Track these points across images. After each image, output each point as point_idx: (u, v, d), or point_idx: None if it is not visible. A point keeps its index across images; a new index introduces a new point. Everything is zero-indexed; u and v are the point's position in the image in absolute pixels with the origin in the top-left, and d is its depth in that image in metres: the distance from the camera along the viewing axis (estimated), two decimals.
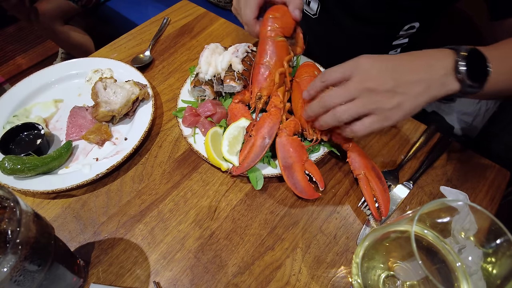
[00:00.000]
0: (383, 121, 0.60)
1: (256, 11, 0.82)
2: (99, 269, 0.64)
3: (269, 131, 0.73)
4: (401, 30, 0.97)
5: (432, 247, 0.51)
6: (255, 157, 0.71)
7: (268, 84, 0.79)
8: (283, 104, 0.78)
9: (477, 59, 0.60)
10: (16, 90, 0.90)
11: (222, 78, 0.83)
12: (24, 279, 0.44)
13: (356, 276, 0.52)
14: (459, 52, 0.59)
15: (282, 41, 0.81)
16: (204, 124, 0.80)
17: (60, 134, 0.84)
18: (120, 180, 0.77)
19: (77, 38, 2.05)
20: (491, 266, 0.47)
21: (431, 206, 0.46)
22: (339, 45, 1.05)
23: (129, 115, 0.86)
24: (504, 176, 0.78)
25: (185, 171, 0.78)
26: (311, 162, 0.73)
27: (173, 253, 0.66)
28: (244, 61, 0.85)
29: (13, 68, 2.52)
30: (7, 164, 0.70)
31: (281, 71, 0.79)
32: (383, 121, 0.60)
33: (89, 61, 0.98)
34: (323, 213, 0.72)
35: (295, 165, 0.71)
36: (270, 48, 0.80)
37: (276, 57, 0.80)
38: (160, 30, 1.11)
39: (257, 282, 0.63)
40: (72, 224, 0.70)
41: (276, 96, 0.79)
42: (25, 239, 0.44)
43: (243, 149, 0.73)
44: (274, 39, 0.80)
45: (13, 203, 0.45)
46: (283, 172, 0.71)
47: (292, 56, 0.83)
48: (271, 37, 0.81)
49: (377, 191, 0.70)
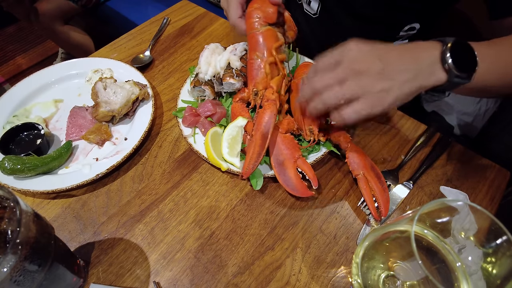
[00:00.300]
0: (372, 106, 0.59)
1: (239, 10, 0.82)
2: (99, 269, 0.64)
3: (266, 126, 0.72)
4: (401, 30, 0.97)
5: (432, 247, 0.51)
6: (258, 157, 0.71)
7: (261, 77, 0.78)
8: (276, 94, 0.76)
9: (463, 50, 0.60)
10: (16, 90, 0.90)
11: (221, 77, 0.83)
12: (24, 279, 0.44)
13: (356, 276, 0.52)
14: (445, 43, 0.59)
15: (268, 29, 0.80)
16: (204, 124, 0.80)
17: (60, 134, 0.84)
18: (120, 180, 0.77)
19: (77, 38, 2.05)
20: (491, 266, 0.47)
21: (431, 206, 0.46)
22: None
23: (129, 115, 0.86)
24: (504, 176, 0.78)
25: (185, 171, 0.78)
26: (304, 160, 0.72)
27: (173, 253, 0.66)
28: (243, 58, 0.85)
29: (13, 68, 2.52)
30: (7, 164, 0.70)
31: (271, 60, 0.78)
32: (372, 106, 0.59)
33: (89, 61, 0.98)
34: (323, 213, 0.72)
35: (286, 162, 0.71)
36: (258, 40, 0.79)
37: (265, 48, 0.79)
38: (160, 30, 1.11)
39: (257, 282, 0.63)
40: (72, 224, 0.70)
41: (269, 88, 0.77)
42: (25, 239, 0.44)
43: (247, 152, 0.72)
44: (259, 30, 0.80)
45: (13, 203, 0.45)
46: (274, 169, 0.71)
47: (282, 42, 0.81)
48: (256, 29, 0.80)
49: (377, 191, 0.70)
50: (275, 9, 0.81)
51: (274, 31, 0.81)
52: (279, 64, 0.79)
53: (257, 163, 0.70)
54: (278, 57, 0.79)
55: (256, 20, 0.80)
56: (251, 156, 0.70)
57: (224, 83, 0.82)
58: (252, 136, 0.73)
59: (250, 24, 0.80)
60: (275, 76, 0.79)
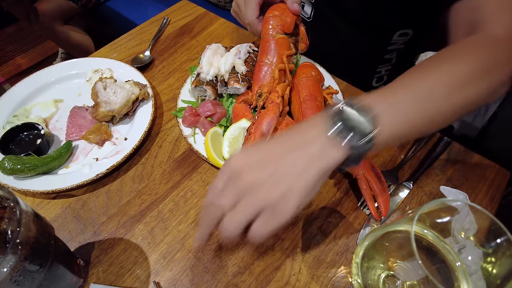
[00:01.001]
0: (276, 217, 0.47)
1: (257, 11, 0.83)
2: (99, 269, 0.64)
3: (267, 127, 0.72)
4: (393, 36, 0.97)
5: (432, 247, 0.51)
6: None
7: (268, 81, 0.79)
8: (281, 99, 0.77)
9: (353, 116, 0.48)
10: (16, 90, 0.90)
11: (226, 81, 0.83)
12: (24, 279, 0.44)
13: (356, 276, 0.52)
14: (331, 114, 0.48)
15: (282, 38, 0.81)
16: (204, 124, 0.80)
17: (60, 134, 0.84)
18: (120, 180, 0.77)
19: (77, 38, 2.05)
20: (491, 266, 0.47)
21: (431, 206, 0.46)
22: (334, 49, 1.05)
23: (129, 115, 0.86)
24: (504, 176, 0.78)
25: (185, 171, 0.78)
26: None
27: (173, 253, 0.66)
28: (247, 62, 0.85)
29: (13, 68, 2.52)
30: (7, 164, 0.70)
31: (281, 67, 0.79)
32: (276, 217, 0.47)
33: (89, 61, 0.98)
34: (323, 213, 0.72)
35: None
36: (270, 46, 0.80)
37: (277, 55, 0.80)
38: (160, 30, 1.11)
39: (257, 282, 0.63)
40: (72, 224, 0.70)
41: (274, 92, 0.78)
42: (25, 239, 0.44)
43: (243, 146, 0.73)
44: (274, 37, 0.81)
45: (13, 203, 0.45)
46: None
47: (293, 52, 0.83)
48: (272, 35, 0.81)
49: (377, 191, 0.70)
50: (293, 19, 0.82)
51: (288, 40, 0.83)
52: (287, 72, 0.81)
53: None
54: (288, 66, 0.80)
55: (273, 26, 0.81)
56: None
57: (229, 87, 0.83)
58: (250, 134, 0.73)
59: (266, 29, 0.82)
60: (282, 82, 0.81)
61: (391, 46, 1.02)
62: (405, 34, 0.97)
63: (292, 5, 0.80)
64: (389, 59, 1.08)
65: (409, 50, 1.07)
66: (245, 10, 0.83)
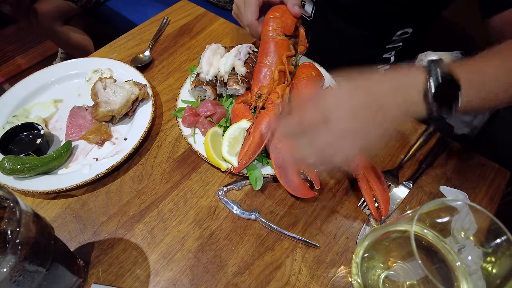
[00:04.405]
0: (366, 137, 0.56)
1: (256, 12, 0.83)
2: (99, 269, 0.64)
3: (266, 126, 0.72)
4: (394, 35, 0.98)
5: (432, 247, 0.51)
6: (253, 154, 0.71)
7: (268, 82, 0.79)
8: (281, 99, 0.78)
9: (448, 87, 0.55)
10: (15, 90, 0.90)
11: (225, 82, 0.83)
12: (24, 279, 0.44)
13: (356, 275, 0.52)
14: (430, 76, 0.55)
15: (282, 39, 0.82)
16: (204, 124, 0.80)
17: (59, 134, 0.84)
18: (120, 180, 0.77)
19: (76, 39, 2.05)
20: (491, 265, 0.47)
21: (430, 206, 0.46)
22: (334, 47, 1.06)
23: (129, 115, 0.86)
24: (504, 176, 0.78)
25: (185, 171, 0.78)
26: None
27: (173, 253, 0.66)
28: (247, 63, 0.85)
29: (12, 68, 2.52)
30: (7, 164, 0.70)
31: (281, 68, 0.79)
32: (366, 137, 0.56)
33: (88, 61, 0.98)
34: (323, 213, 0.72)
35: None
36: (271, 47, 0.81)
37: (276, 56, 0.80)
38: (159, 30, 1.11)
39: (257, 282, 0.63)
40: (72, 224, 0.70)
41: (274, 93, 0.78)
42: (25, 239, 0.44)
43: (243, 147, 0.73)
44: (274, 38, 0.81)
45: (12, 203, 0.45)
46: (275, 170, 0.71)
47: (292, 53, 0.83)
48: (272, 37, 0.81)
49: (377, 191, 0.70)
50: (294, 22, 0.83)
51: (288, 42, 0.83)
52: (287, 74, 0.81)
53: (251, 160, 0.71)
54: (288, 67, 0.80)
55: (273, 28, 0.81)
56: (246, 153, 0.71)
57: (229, 88, 0.84)
58: (249, 134, 0.73)
59: (266, 30, 0.82)
60: (281, 83, 0.81)
61: (390, 44, 1.02)
62: (405, 33, 0.97)
63: (293, 8, 0.81)
64: (388, 59, 1.08)
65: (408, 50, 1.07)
66: (245, 11, 0.83)
